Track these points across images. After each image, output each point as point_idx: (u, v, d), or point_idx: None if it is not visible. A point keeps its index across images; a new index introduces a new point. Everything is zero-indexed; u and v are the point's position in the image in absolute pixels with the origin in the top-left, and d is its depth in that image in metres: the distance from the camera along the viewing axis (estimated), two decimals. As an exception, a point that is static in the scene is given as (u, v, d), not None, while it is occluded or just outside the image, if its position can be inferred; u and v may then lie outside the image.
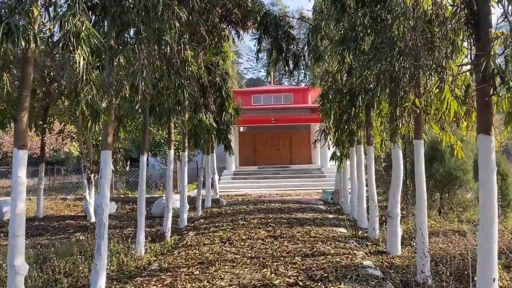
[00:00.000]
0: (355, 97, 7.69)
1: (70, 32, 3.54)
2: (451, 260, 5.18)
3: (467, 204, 9.41)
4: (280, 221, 8.92)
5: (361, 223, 8.55)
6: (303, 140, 21.58)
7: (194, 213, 10.95)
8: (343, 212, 10.67)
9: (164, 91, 6.66)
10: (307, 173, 18.92)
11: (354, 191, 9.44)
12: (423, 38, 4.61)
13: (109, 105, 5.00)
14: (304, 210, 10.67)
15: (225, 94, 11.17)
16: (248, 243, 6.80)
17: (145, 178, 6.65)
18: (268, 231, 7.80)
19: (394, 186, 6.30)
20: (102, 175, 5.03)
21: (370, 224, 7.60)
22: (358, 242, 7.07)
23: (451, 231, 7.53)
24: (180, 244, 7.14)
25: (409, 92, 4.58)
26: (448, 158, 9.27)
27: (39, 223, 10.83)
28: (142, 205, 6.65)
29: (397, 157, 6.23)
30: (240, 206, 11.76)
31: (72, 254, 6.19)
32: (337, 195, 12.61)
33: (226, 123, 11.54)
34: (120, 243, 7.13)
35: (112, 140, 5.12)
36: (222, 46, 10.91)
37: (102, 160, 5.06)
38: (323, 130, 11.32)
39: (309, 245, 6.68)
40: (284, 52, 9.18)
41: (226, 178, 18.57)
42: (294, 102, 23.96)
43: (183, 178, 9.27)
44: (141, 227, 6.61)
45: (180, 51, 7.21)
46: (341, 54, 7.44)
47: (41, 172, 11.92)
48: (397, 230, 6.29)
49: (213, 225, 8.83)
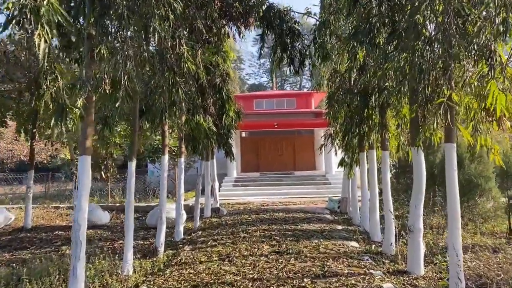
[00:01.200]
0: (368, 96, 6.95)
1: (27, 6, 2.82)
2: (490, 286, 4.41)
3: (489, 214, 8.62)
4: (285, 234, 8.15)
5: (374, 236, 7.77)
6: (307, 145, 20.82)
7: (192, 223, 10.18)
8: (353, 222, 9.89)
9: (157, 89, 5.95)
10: (311, 180, 18.13)
11: (365, 200, 8.69)
12: (456, 23, 3.88)
13: (87, 103, 4.28)
14: (310, 221, 9.89)
15: (225, 96, 10.45)
16: (249, 261, 6.02)
17: (133, 188, 5.90)
18: (272, 246, 7.02)
19: (416, 197, 5.55)
20: (79, 185, 4.30)
21: (386, 238, 6.84)
22: (373, 258, 6.30)
23: (477, 246, 6.74)
24: (173, 261, 6.37)
25: (444, 85, 3.84)
26: (468, 164, 8.51)
27: (26, 234, 10.08)
28: (130, 218, 5.89)
29: (419, 164, 5.48)
30: (242, 216, 10.98)
31: (50, 274, 5.45)
32: (345, 204, 11.83)
33: (226, 127, 10.80)
34: (107, 259, 6.39)
35: (91, 144, 4.39)
36: (222, 44, 10.23)
37: (79, 167, 4.34)
38: (330, 134, 10.61)
39: (318, 263, 5.91)
40: (289, 50, 8.49)
41: (227, 185, 17.80)
42: (297, 107, 23.27)
43: (179, 186, 8.53)
44: (128, 243, 5.85)
45: (175, 46, 6.50)
46: (352, 50, 6.73)
47: (29, 179, 11.19)
48: (420, 246, 5.52)
49: (211, 238, 8.06)
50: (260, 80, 58.50)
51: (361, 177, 9.01)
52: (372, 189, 7.98)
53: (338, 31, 8.11)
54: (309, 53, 8.63)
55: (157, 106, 5.90)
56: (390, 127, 7.07)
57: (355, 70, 7.15)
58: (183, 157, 8.59)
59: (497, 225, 8.50)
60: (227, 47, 10.78)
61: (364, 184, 8.81)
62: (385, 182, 7.00)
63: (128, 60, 4.39)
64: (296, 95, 25.93)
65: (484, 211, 8.62)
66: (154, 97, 5.89)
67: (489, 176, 8.44)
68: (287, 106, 23.66)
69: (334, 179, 17.70)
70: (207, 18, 8.00)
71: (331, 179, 17.93)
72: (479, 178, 8.32)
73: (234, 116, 11.25)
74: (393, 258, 6.31)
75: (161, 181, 7.30)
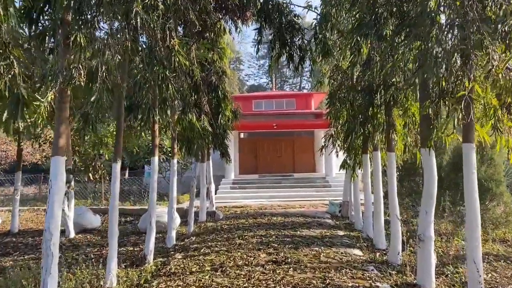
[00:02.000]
0: (373, 94, 6.47)
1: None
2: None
3: (500, 220, 8.12)
4: (284, 240, 7.65)
5: (379, 243, 7.28)
6: (307, 147, 20.33)
7: (186, 227, 9.68)
8: (354, 227, 9.39)
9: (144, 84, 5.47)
10: (311, 182, 17.62)
11: (368, 204, 8.19)
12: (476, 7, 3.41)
13: (60, 97, 3.79)
14: (310, 226, 9.39)
15: (221, 94, 9.96)
16: (244, 272, 5.51)
17: (117, 191, 5.40)
18: (269, 254, 6.52)
19: (426, 202, 5.05)
20: (51, 189, 3.81)
21: (392, 246, 6.34)
22: (378, 269, 5.80)
23: (491, 256, 6.25)
24: (162, 271, 5.87)
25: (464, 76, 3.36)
26: (478, 167, 7.99)
27: (12, 239, 9.58)
28: (114, 225, 5.38)
29: (430, 167, 4.98)
30: (239, 220, 10.48)
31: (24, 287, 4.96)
32: (346, 208, 11.33)
33: (222, 127, 10.31)
34: (90, 268, 5.89)
35: (65, 143, 3.90)
36: (218, 41, 9.76)
37: (51, 169, 3.84)
38: (331, 135, 10.13)
39: (319, 274, 5.41)
40: (288, 45, 8.01)
41: (224, 187, 17.30)
42: (297, 108, 22.77)
43: (172, 189, 8.03)
44: (112, 251, 5.35)
45: (165, 39, 6.02)
46: (356, 44, 6.26)
47: (17, 181, 10.69)
48: (431, 257, 5.02)
49: (205, 244, 7.55)
50: (260, 81, 58.04)
51: (364, 180, 8.52)
52: (376, 193, 7.49)
53: (340, 26, 7.64)
54: (310, 48, 8.15)
55: (145, 102, 5.41)
56: (398, 127, 6.57)
57: (359, 65, 6.66)
58: (176, 158, 8.08)
59: (508, 231, 8.00)
60: (224, 44, 10.30)
61: (367, 188, 8.32)
62: (391, 185, 6.52)
63: (107, 49, 3.91)
64: (295, 96, 25.44)
65: (495, 217, 8.12)
66: (141, 93, 5.41)
67: (500, 179, 7.95)
68: (287, 107, 23.18)
69: (334, 182, 17.21)
70: (202, 11, 7.53)
71: (332, 181, 17.44)
72: (489, 181, 7.83)
73: (230, 116, 10.76)
74: (401, 269, 5.81)
75: (151, 184, 6.80)
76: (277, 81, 53.93)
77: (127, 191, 17.77)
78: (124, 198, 16.63)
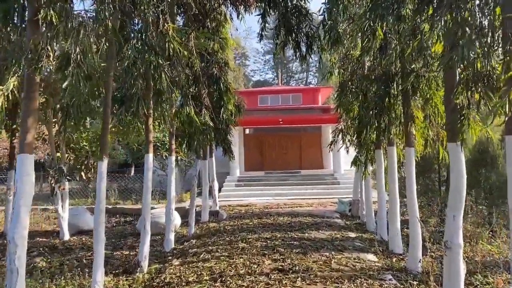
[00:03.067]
0: (390, 82, 5.81)
1: None
2: None
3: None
4: (290, 244, 7.04)
5: (395, 247, 6.65)
6: (314, 142, 19.65)
7: (187, 228, 9.12)
8: (366, 228, 8.76)
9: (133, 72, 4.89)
10: (319, 180, 16.98)
11: (382, 203, 7.56)
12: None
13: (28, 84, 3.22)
14: (319, 226, 8.77)
15: (223, 87, 9.34)
16: (246, 282, 4.91)
17: (103, 192, 4.81)
18: (274, 260, 5.92)
19: (454, 205, 4.40)
20: (17, 192, 3.24)
21: (411, 252, 5.72)
22: (396, 278, 5.19)
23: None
24: (156, 281, 5.30)
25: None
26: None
27: (3, 241, 9.09)
28: (100, 231, 4.78)
29: (459, 164, 4.33)
30: (243, 221, 9.89)
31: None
32: (356, 207, 10.69)
33: (225, 121, 9.70)
34: (77, 276, 5.35)
35: (33, 139, 3.32)
36: (219, 30, 9.14)
37: (17, 169, 3.28)
38: (341, 130, 9.50)
39: (331, 285, 4.80)
40: (294, 32, 7.36)
41: (229, 185, 16.72)
42: (304, 103, 22.11)
43: (169, 189, 7.45)
44: (98, 260, 4.77)
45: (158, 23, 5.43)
46: (370, 28, 5.60)
47: (10, 180, 10.18)
48: (460, 266, 4.38)
49: (205, 248, 6.97)
50: (265, 77, 57.28)
51: (377, 178, 7.88)
52: (391, 192, 6.85)
53: (352, 9, 6.98)
54: (318, 36, 7.49)
55: (133, 92, 4.82)
56: (416, 119, 5.90)
57: (374, 51, 6.00)
58: (174, 155, 7.50)
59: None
60: (226, 33, 9.66)
61: (380, 186, 7.69)
62: (410, 183, 5.88)
63: (81, 27, 3.32)
64: (302, 91, 24.76)
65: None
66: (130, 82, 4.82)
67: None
68: (293, 102, 22.53)
69: (343, 179, 16.58)
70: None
71: (340, 178, 16.80)
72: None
73: (233, 110, 10.15)
74: (422, 278, 5.18)
75: (145, 183, 6.22)
76: (283, 76, 53.19)
77: (130, 189, 17.29)
78: (126, 197, 16.15)
